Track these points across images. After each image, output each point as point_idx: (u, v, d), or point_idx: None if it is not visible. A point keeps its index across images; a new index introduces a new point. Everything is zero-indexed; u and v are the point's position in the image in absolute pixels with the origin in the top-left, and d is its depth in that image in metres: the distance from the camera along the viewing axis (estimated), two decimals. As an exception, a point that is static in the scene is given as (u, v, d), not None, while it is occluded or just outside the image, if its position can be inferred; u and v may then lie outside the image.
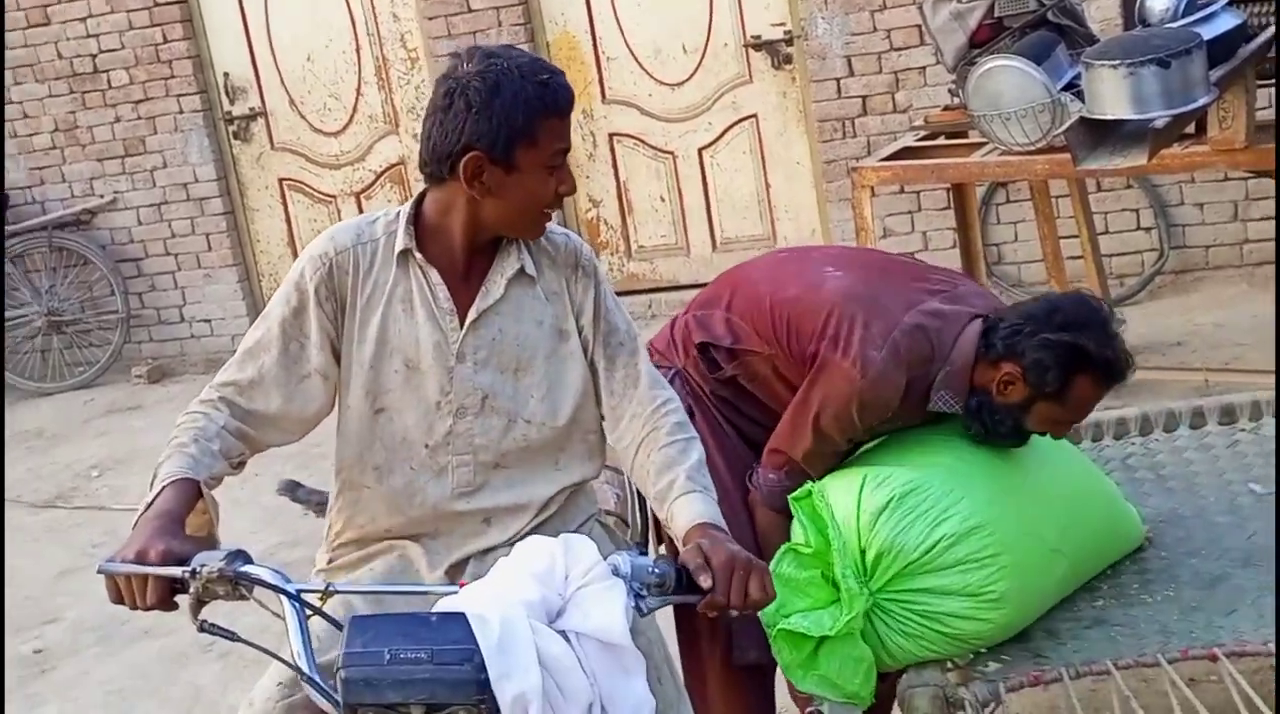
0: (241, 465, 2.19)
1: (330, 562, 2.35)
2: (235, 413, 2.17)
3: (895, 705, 2.53)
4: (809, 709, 2.72)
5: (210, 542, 2.09)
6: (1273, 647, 2.39)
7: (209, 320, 7.96)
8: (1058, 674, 2.43)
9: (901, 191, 6.51)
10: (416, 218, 2.20)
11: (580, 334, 2.27)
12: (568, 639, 1.86)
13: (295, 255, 7.75)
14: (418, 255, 2.18)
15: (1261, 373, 4.89)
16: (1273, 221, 6.22)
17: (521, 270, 2.22)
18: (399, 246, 2.18)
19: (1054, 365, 2.58)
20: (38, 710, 4.16)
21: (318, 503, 2.93)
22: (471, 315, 2.19)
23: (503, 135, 2.07)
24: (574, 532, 2.14)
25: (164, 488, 2.01)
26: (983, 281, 5.72)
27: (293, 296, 2.18)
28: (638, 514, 2.76)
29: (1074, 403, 2.63)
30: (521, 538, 2.11)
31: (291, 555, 4.80)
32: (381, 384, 2.19)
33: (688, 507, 2.13)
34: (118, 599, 1.92)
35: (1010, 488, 2.67)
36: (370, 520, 2.28)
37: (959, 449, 2.73)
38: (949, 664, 2.54)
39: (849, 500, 2.61)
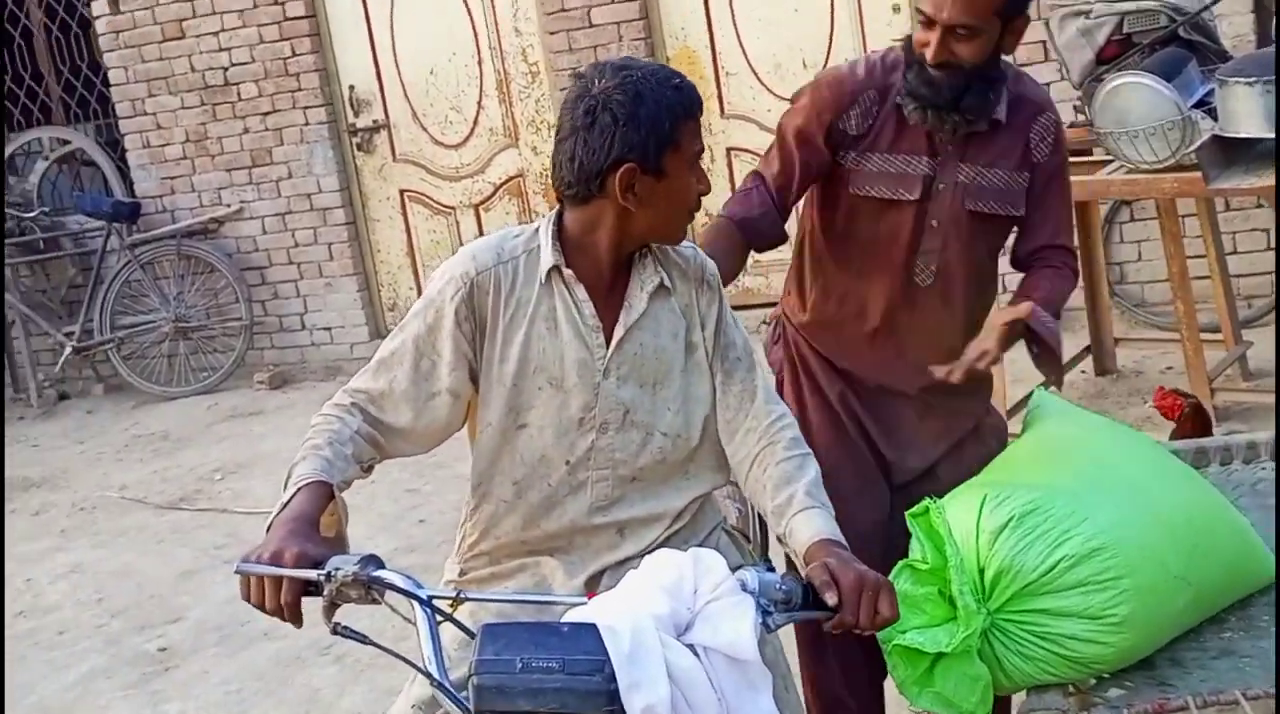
0: (371, 470, 2.23)
1: (462, 574, 2.36)
2: (367, 419, 2.20)
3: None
4: None
5: (341, 543, 2.13)
6: None
7: (329, 328, 8.10)
8: (1183, 703, 2.36)
9: (1023, 209, 6.42)
10: (559, 235, 2.21)
11: (704, 346, 2.28)
12: (695, 653, 1.87)
13: (415, 265, 7.90)
14: (566, 271, 2.18)
15: (1397, 400, 4.75)
16: None
17: (660, 284, 2.24)
18: (546, 263, 2.18)
19: None
20: (161, 707, 4.26)
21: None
22: (618, 332, 2.20)
23: (653, 143, 2.09)
24: (702, 541, 2.16)
25: (299, 490, 2.03)
26: (1105, 301, 5.64)
27: (429, 313, 2.19)
28: (758, 529, 2.75)
29: None
30: (655, 548, 2.12)
31: (406, 561, 4.87)
32: (524, 402, 2.20)
33: (808, 523, 2.14)
34: (251, 599, 1.96)
35: (1134, 512, 2.61)
36: (506, 533, 2.29)
37: (1081, 471, 2.68)
38: (1070, 688, 2.49)
39: (968, 519, 2.58)
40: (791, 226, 2.97)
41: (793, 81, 6.88)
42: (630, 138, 2.08)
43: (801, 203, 2.97)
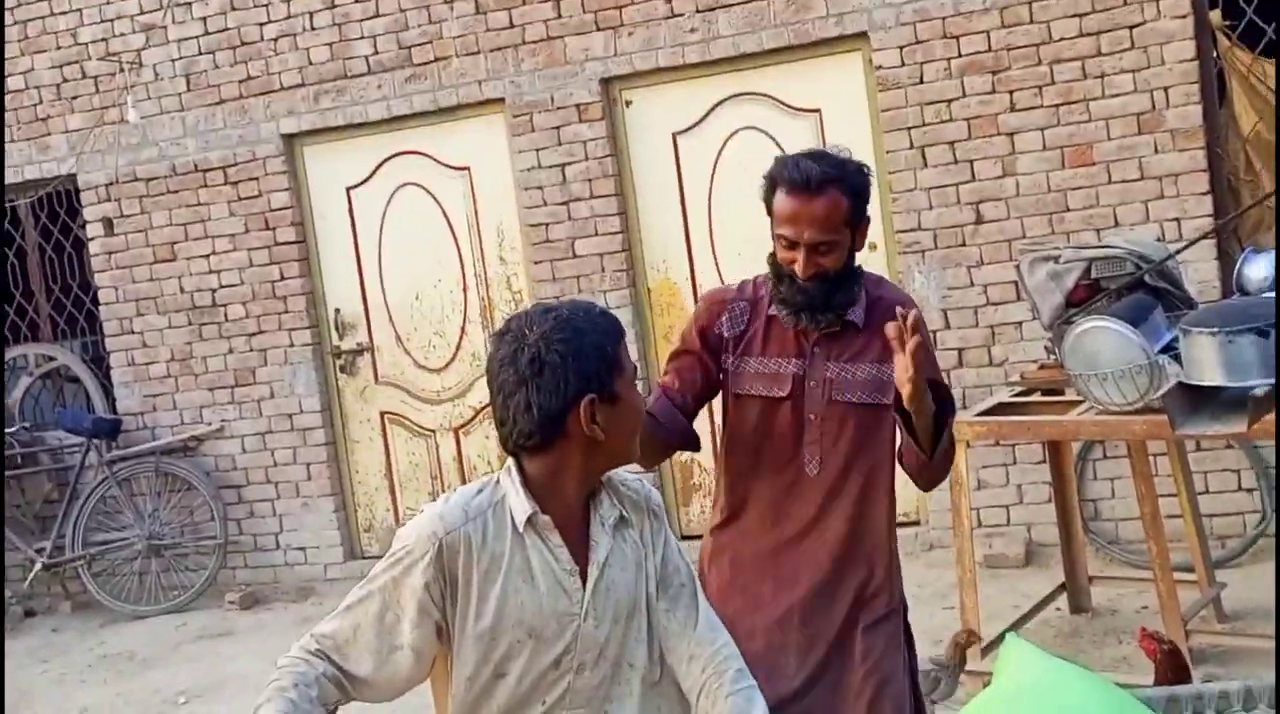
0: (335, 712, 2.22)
1: None
2: (331, 664, 2.20)
3: None
4: None
5: None
6: None
7: (304, 548, 8.05)
8: None
9: (997, 445, 6.50)
10: (525, 482, 2.24)
11: (655, 576, 2.32)
12: None
13: (392, 487, 7.91)
14: (543, 518, 2.20)
15: (1373, 645, 4.74)
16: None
17: (620, 516, 2.26)
18: (522, 514, 2.20)
19: (763, 186, 3.09)
20: None
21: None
22: (592, 573, 2.22)
23: (603, 370, 2.18)
24: None
25: None
26: (1079, 539, 5.66)
27: (396, 569, 2.21)
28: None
29: (777, 216, 3.04)
30: None
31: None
32: (502, 654, 2.21)
33: None
34: None
35: None
36: None
37: None
38: None
39: None
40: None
41: (771, 315, 7.02)
42: (583, 370, 2.15)
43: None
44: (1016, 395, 5.33)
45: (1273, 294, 3.98)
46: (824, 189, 2.99)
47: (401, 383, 7.90)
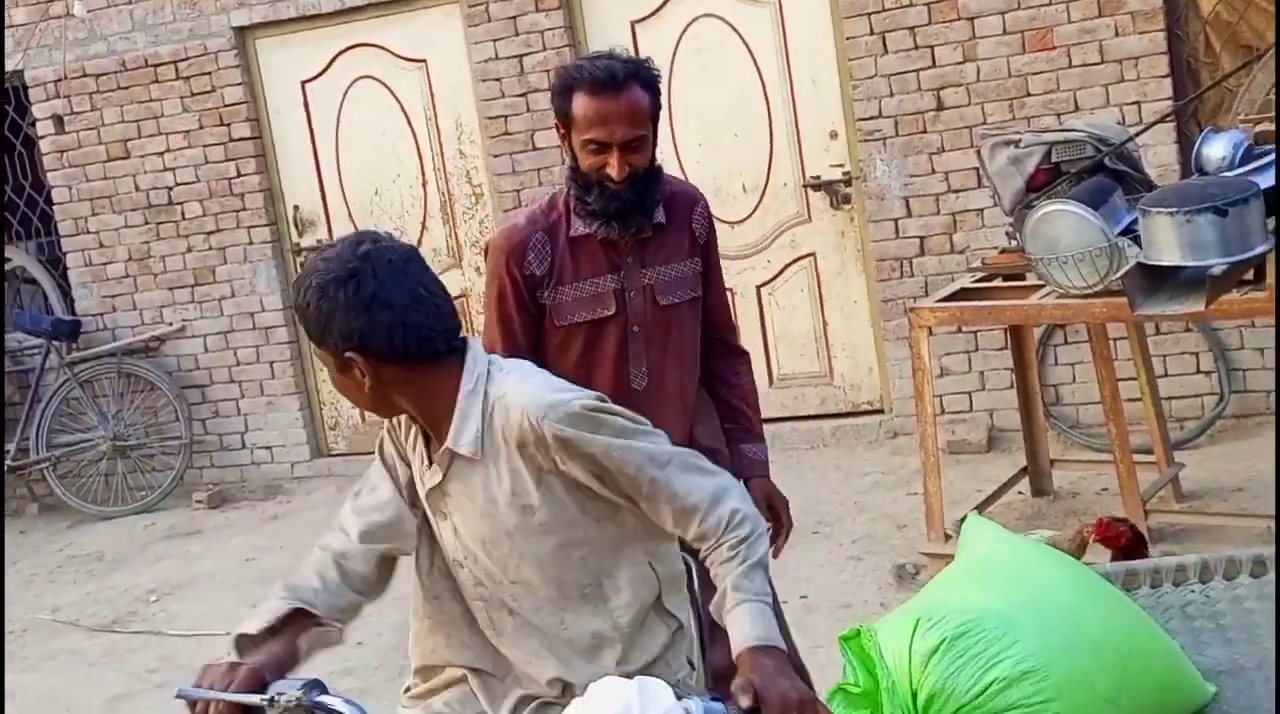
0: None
1: (406, 691, 2.45)
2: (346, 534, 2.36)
3: None
4: None
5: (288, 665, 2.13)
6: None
7: (269, 447, 8.05)
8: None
9: (959, 331, 6.53)
10: None
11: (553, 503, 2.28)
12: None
13: (357, 385, 7.88)
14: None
15: (1326, 521, 4.83)
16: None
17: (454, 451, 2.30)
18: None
19: (555, 95, 2.99)
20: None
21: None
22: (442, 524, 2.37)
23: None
24: (652, 665, 2.19)
25: (276, 614, 2.17)
26: (1040, 423, 5.71)
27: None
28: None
29: (581, 119, 2.95)
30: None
31: (344, 685, 4.80)
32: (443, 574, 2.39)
33: (735, 625, 2.13)
34: None
35: (1064, 636, 2.63)
36: (431, 651, 2.38)
37: (1012, 594, 2.72)
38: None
39: (901, 642, 2.60)
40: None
41: (733, 205, 7.02)
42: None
43: None
44: (978, 281, 5.35)
45: (1231, 173, 3.98)
46: (628, 84, 2.95)
47: (363, 279, 7.83)
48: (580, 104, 2.94)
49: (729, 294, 7.10)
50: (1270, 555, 3.31)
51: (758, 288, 7.14)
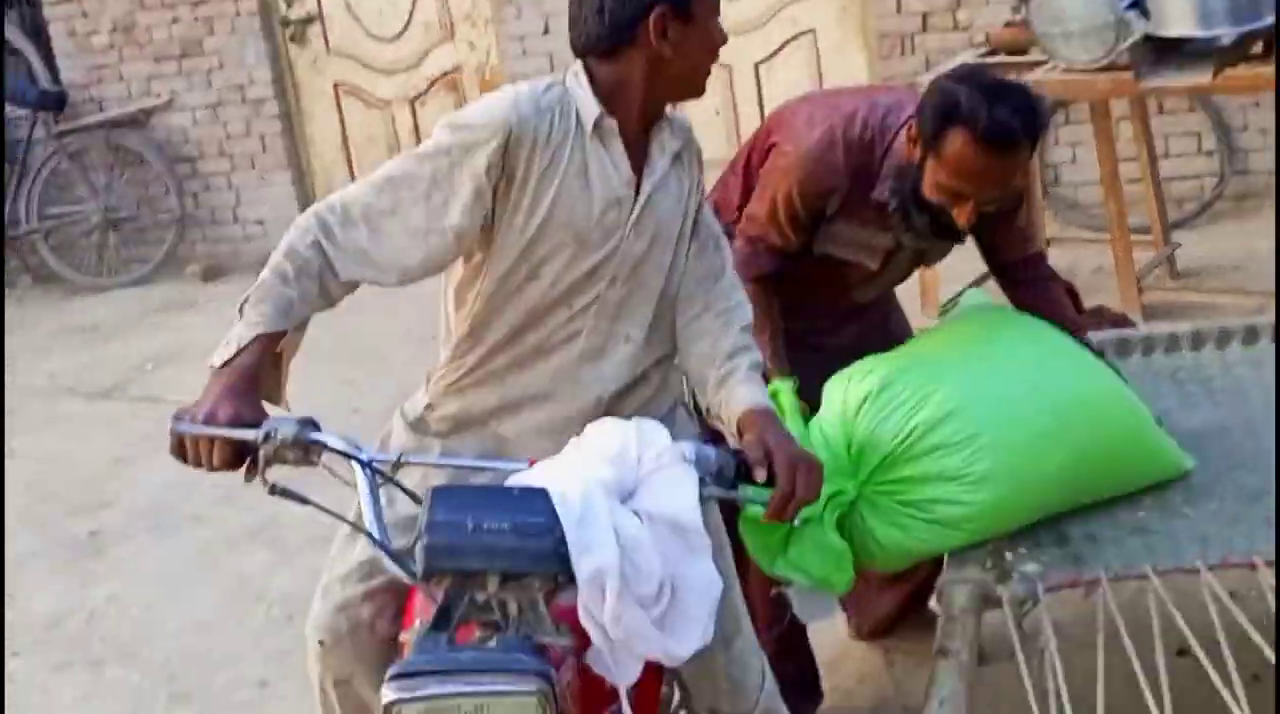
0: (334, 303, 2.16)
1: (429, 408, 2.32)
2: (349, 246, 2.10)
3: (933, 599, 2.55)
4: (774, 590, 2.71)
5: (276, 395, 2.11)
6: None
7: (262, 221, 8.01)
8: (1096, 577, 2.43)
9: (959, 110, 6.44)
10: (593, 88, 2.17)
11: (691, 216, 2.30)
12: (639, 519, 1.91)
13: (349, 159, 7.81)
14: (609, 122, 2.14)
15: (1318, 301, 4.85)
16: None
17: (678, 152, 2.24)
18: (590, 115, 2.13)
19: (929, 111, 2.57)
20: (91, 588, 4.27)
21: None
22: (646, 190, 2.19)
23: None
24: (664, 416, 2.20)
25: (254, 340, 2.00)
26: (1039, 203, 5.68)
27: (457, 150, 2.10)
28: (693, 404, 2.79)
29: (951, 163, 2.55)
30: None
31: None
32: (542, 255, 2.16)
33: (747, 391, 2.20)
34: (183, 458, 1.95)
35: (994, 376, 2.65)
36: (490, 376, 2.26)
37: (945, 345, 2.77)
38: (987, 562, 2.55)
39: (836, 398, 2.65)
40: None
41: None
42: None
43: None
44: (981, 56, 5.26)
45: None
46: (1019, 148, 2.54)
47: (354, 53, 7.70)
48: (957, 145, 2.54)
49: (726, 70, 7.02)
50: (1260, 324, 3.34)
51: (756, 64, 7.01)
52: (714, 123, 7.15)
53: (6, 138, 8.14)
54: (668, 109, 2.25)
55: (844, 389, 2.65)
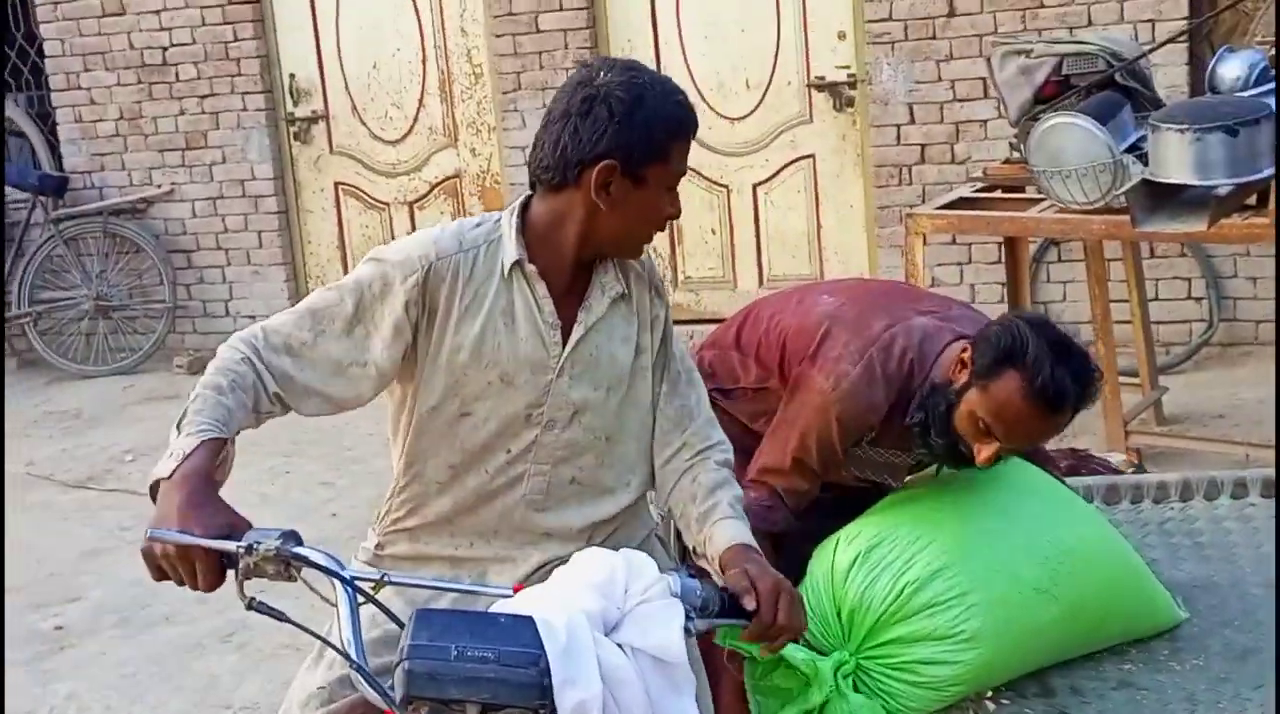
0: (261, 421, 2.12)
1: (379, 546, 2.30)
2: (276, 367, 2.08)
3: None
4: None
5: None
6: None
7: (253, 316, 8.00)
8: (1082, 734, 2.39)
9: (954, 242, 6.49)
10: (523, 228, 2.16)
11: (650, 351, 2.27)
12: (624, 653, 1.87)
13: (345, 258, 7.82)
14: (529, 267, 2.14)
15: (1305, 452, 4.84)
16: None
17: (621, 293, 2.21)
18: (509, 258, 2.13)
19: (991, 344, 2.49)
20: (52, 686, 4.18)
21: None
22: (577, 332, 2.17)
23: (640, 149, 2.06)
24: (637, 546, 2.15)
25: (199, 446, 1.93)
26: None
27: (377, 284, 2.11)
28: (673, 538, 2.75)
29: (996, 402, 2.47)
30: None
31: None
32: (470, 392, 2.15)
33: (729, 528, 2.17)
34: (161, 576, 1.87)
35: (984, 529, 2.61)
36: (434, 515, 2.24)
37: (934, 499, 2.72)
38: (970, 712, 2.50)
39: (825, 563, 2.61)
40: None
41: (735, 101, 6.93)
42: (620, 137, 2.05)
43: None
44: (977, 191, 5.29)
45: (1245, 93, 3.93)
46: (1065, 412, 2.49)
47: (356, 154, 7.76)
48: (1009, 389, 2.46)
49: (724, 191, 7.08)
50: (1250, 478, 3.32)
51: (754, 186, 7.08)
52: (710, 241, 7.20)
53: (5, 221, 8.17)
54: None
55: (831, 554, 2.60)
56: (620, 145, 2.05)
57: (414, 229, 7.60)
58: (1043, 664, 2.61)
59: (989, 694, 2.55)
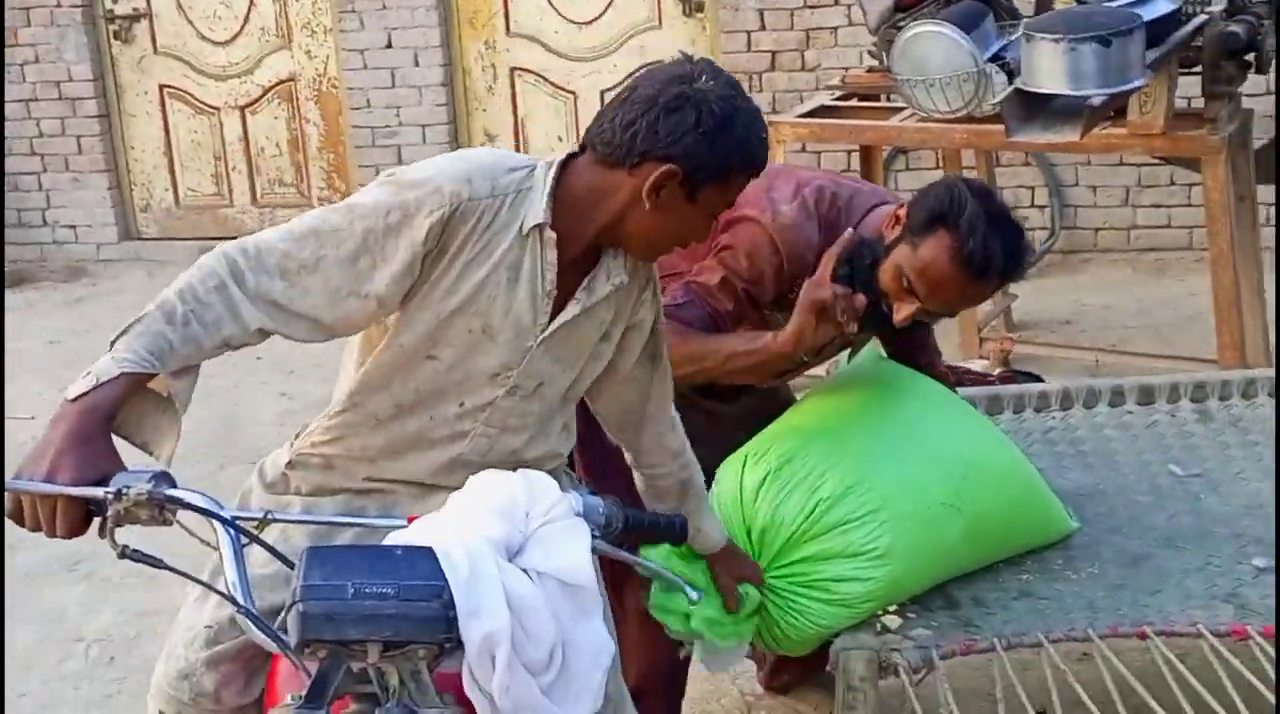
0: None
1: (290, 464, 2.15)
2: (262, 295, 1.91)
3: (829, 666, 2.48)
4: (682, 652, 2.64)
5: (161, 446, 1.90)
6: (1200, 628, 2.40)
7: (74, 226, 7.62)
8: (990, 644, 2.40)
9: (803, 149, 6.47)
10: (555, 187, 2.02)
11: (622, 340, 2.18)
12: (529, 577, 1.78)
13: (172, 165, 7.48)
14: (549, 233, 1.99)
15: (1150, 357, 4.99)
16: (1159, 209, 6.36)
17: (624, 281, 2.10)
18: (533, 218, 1.98)
19: (928, 202, 2.49)
20: (-114, 624, 3.93)
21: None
22: (572, 310, 2.05)
23: (709, 168, 1.95)
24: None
25: (104, 383, 1.77)
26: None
27: (395, 214, 1.94)
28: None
29: (923, 261, 2.46)
30: None
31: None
32: (447, 336, 2.01)
33: (715, 526, 2.42)
34: (20, 521, 1.73)
35: (893, 446, 2.61)
36: (359, 450, 2.10)
37: (840, 414, 2.70)
38: (878, 626, 2.50)
39: (733, 482, 2.57)
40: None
41: (583, 5, 6.78)
42: (696, 148, 1.93)
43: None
44: (836, 99, 5.27)
45: (1115, 3, 3.95)
46: (989, 281, 2.52)
47: (183, 54, 7.38)
48: (938, 248, 2.45)
49: (571, 97, 6.94)
50: (1127, 386, 3.39)
51: (601, 92, 6.92)
52: (557, 148, 7.00)
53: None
54: None
55: (738, 471, 2.56)
56: (692, 156, 1.94)
57: (246, 135, 7.33)
58: (949, 577, 2.62)
59: (894, 608, 2.54)
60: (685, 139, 1.94)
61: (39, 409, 5.20)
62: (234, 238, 1.97)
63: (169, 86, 7.43)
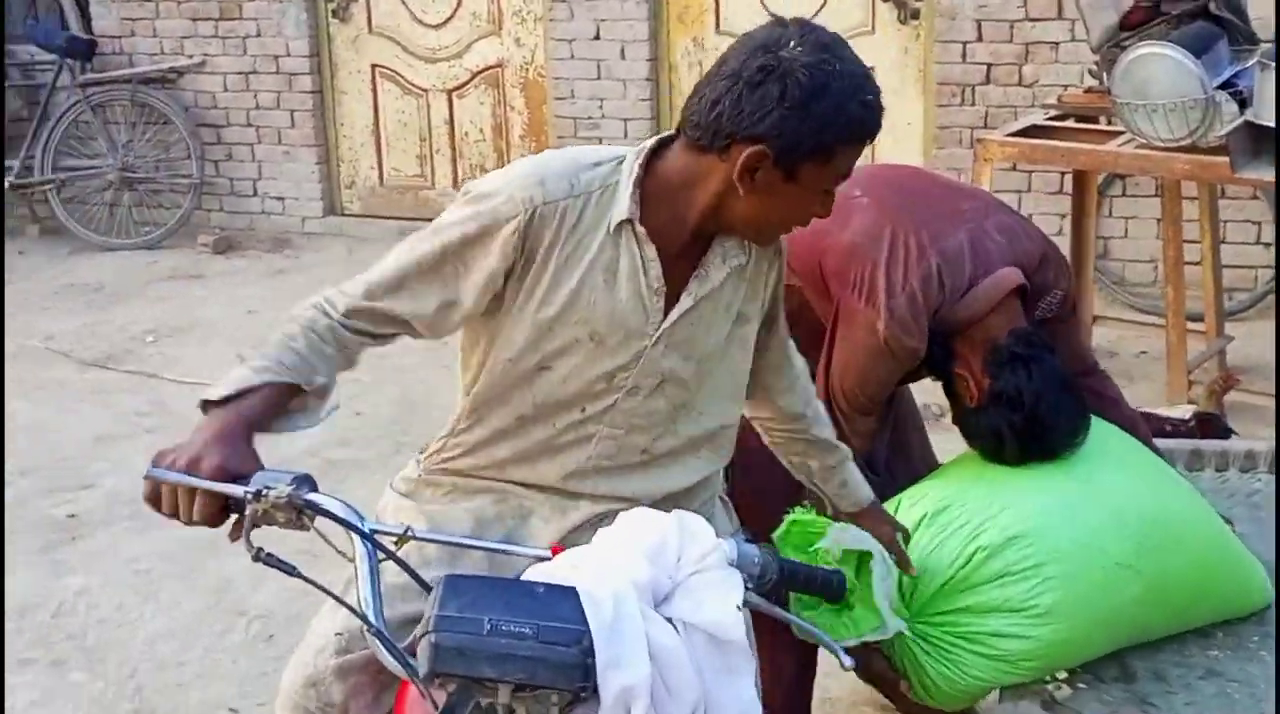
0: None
1: (420, 481, 2.11)
2: (359, 310, 1.94)
3: None
4: (902, 685, 2.51)
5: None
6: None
7: (282, 198, 7.80)
8: (1170, 729, 2.22)
9: (1014, 168, 6.23)
10: (644, 178, 1.91)
11: (756, 318, 2.07)
12: (675, 628, 1.67)
13: (378, 144, 7.59)
14: (639, 228, 1.89)
15: (1373, 413, 4.64)
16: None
17: (742, 263, 1.99)
18: (619, 215, 1.89)
19: (1002, 379, 2.50)
20: (64, 579, 4.03)
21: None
22: (685, 302, 1.94)
23: (803, 144, 1.80)
24: (696, 509, 1.95)
25: (258, 387, 1.81)
26: (1088, 276, 5.46)
27: (472, 226, 1.89)
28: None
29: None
30: None
31: (339, 455, 4.64)
32: (555, 347, 1.93)
33: (862, 484, 2.32)
34: (157, 508, 1.73)
35: (1064, 497, 2.43)
36: (491, 462, 2.04)
37: (1009, 467, 2.54)
38: (1046, 698, 2.33)
39: None
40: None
41: (797, 4, 6.62)
42: (785, 124, 1.78)
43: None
44: (1051, 118, 5.04)
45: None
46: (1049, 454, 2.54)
47: (396, 35, 7.48)
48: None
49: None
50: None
51: (809, 96, 6.79)
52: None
53: (30, 83, 7.93)
54: None
55: (892, 513, 2.43)
56: (782, 133, 1.79)
57: (452, 118, 7.39)
58: (1123, 645, 2.43)
59: (1064, 675, 2.38)
60: (771, 115, 1.78)
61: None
62: (430, 221, 1.97)
63: (381, 66, 7.55)
